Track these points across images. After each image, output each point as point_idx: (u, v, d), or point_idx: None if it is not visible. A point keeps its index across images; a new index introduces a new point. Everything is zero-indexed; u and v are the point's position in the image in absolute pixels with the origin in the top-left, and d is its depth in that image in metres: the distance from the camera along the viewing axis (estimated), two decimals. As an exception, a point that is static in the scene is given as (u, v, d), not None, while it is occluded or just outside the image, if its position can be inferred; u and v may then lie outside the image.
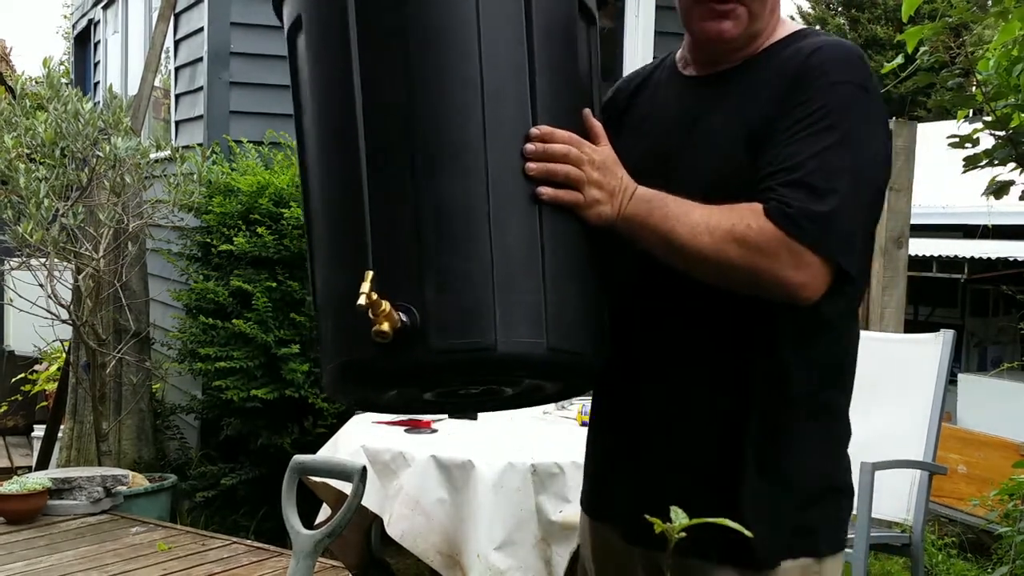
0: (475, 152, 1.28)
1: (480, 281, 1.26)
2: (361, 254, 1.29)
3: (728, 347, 1.45)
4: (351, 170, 1.31)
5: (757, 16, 1.47)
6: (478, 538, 2.76)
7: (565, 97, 1.38)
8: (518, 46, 1.32)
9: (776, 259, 1.32)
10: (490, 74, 1.30)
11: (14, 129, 4.61)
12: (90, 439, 4.91)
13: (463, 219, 1.28)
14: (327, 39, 1.37)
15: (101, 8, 8.24)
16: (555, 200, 1.32)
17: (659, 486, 1.49)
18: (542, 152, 1.31)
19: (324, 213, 1.39)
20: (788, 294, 1.34)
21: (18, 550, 3.66)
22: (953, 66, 3.33)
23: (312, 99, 1.40)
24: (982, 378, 7.02)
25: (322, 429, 4.46)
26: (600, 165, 1.35)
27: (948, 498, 5.24)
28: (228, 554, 3.63)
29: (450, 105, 1.30)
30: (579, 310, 1.35)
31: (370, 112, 1.30)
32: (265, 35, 5.44)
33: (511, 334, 1.26)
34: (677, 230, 1.35)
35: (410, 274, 1.26)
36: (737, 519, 1.17)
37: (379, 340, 1.22)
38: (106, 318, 4.98)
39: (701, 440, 1.47)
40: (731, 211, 1.35)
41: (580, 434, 3.27)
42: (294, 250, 4.52)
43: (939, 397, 3.41)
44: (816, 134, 1.36)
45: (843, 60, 1.42)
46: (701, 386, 1.47)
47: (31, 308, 4.80)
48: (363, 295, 1.21)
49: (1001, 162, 3.20)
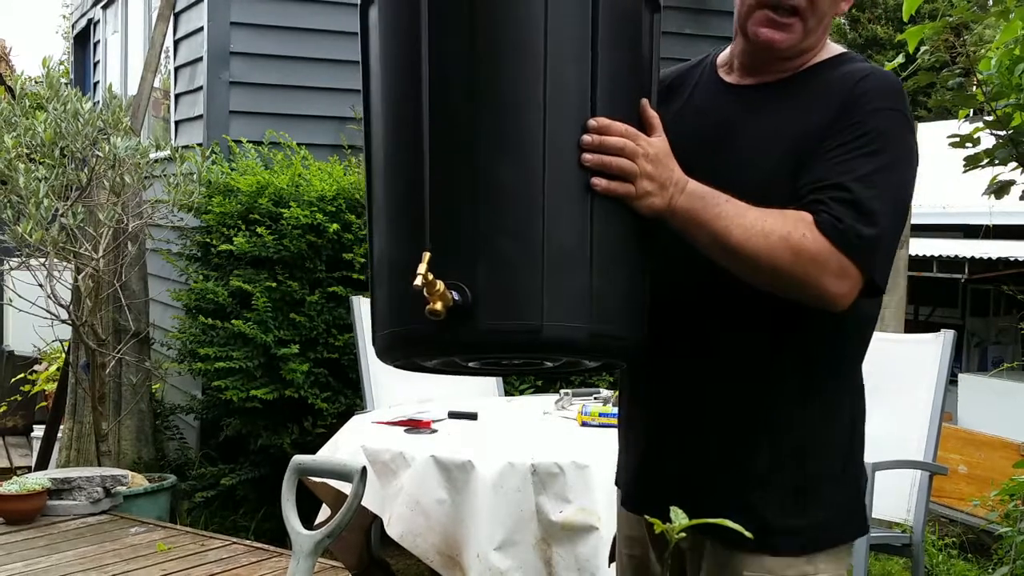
0: (534, 140, 1.33)
1: (530, 266, 1.32)
2: (419, 230, 1.34)
3: (763, 339, 1.52)
4: (414, 147, 1.36)
5: (811, 32, 1.53)
6: (478, 538, 2.76)
7: (625, 86, 1.42)
8: (583, 35, 1.36)
9: (825, 270, 1.40)
10: (554, 64, 1.33)
11: (14, 129, 4.61)
12: (89, 439, 4.91)
13: (518, 205, 1.33)
14: (398, 18, 1.41)
15: (101, 8, 8.24)
16: (608, 191, 1.36)
17: (707, 481, 1.55)
18: (598, 144, 1.35)
19: (386, 185, 1.44)
20: (825, 301, 1.42)
21: (17, 550, 3.65)
22: (954, 66, 3.33)
23: (380, 73, 1.45)
24: (982, 378, 7.02)
25: (322, 429, 4.46)
26: (654, 158, 1.39)
27: (948, 498, 5.24)
28: (227, 554, 3.62)
29: (513, 93, 1.34)
30: (622, 296, 1.41)
31: (436, 92, 1.35)
32: (265, 35, 5.44)
33: (556, 318, 1.32)
34: (730, 230, 1.40)
35: (464, 254, 1.32)
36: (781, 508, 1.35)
37: (432, 318, 1.28)
38: (106, 318, 4.97)
39: (738, 435, 1.54)
40: (784, 217, 1.41)
41: (580, 434, 3.28)
42: (294, 250, 4.51)
43: (939, 397, 3.41)
44: (868, 155, 1.43)
45: (890, 90, 1.50)
46: (735, 379, 1.53)
47: (31, 308, 4.80)
48: (419, 276, 1.27)
49: (1002, 162, 3.19)
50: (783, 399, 1.52)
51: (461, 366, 1.53)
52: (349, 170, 4.99)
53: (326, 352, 4.57)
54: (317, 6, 5.56)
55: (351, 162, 5.22)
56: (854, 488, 1.59)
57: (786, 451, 1.52)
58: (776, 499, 1.52)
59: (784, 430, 1.52)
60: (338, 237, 4.56)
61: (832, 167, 1.43)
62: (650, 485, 1.65)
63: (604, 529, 2.71)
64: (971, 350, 8.50)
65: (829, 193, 1.41)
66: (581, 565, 2.74)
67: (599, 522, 2.73)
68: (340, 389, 4.61)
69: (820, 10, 1.51)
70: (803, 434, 1.53)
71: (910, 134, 1.50)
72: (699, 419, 1.57)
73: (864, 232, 1.40)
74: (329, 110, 5.54)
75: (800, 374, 1.52)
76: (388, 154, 1.43)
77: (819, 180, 1.43)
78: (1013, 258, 6.83)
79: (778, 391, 1.52)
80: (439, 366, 1.52)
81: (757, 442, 1.53)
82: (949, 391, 3.56)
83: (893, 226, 1.45)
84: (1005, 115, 3.15)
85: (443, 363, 1.50)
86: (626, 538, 1.75)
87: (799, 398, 1.53)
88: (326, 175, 4.79)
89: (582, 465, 2.80)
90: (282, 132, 5.23)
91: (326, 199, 4.57)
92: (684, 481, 1.57)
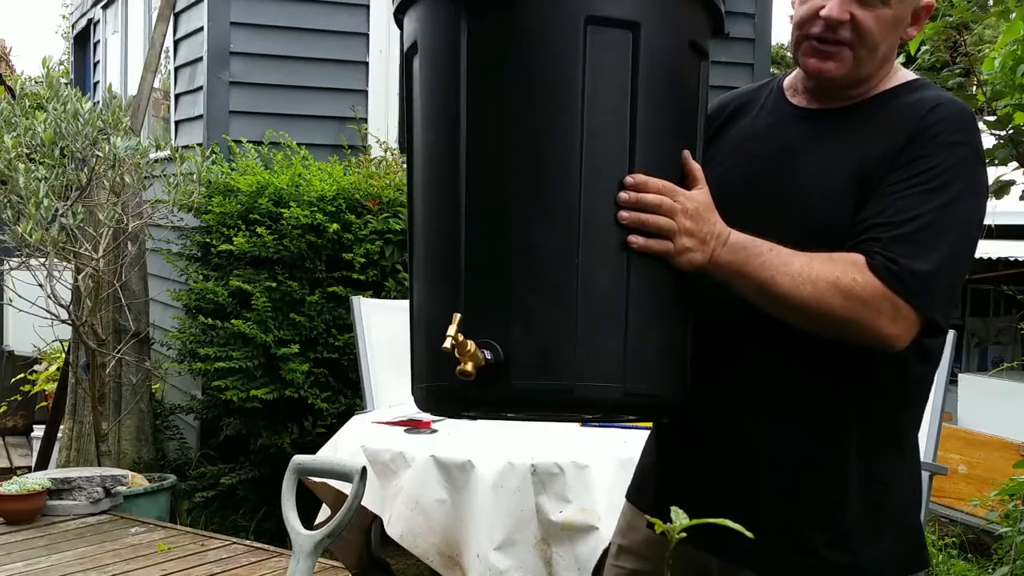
0: (569, 201, 1.32)
1: (564, 326, 1.31)
2: (453, 288, 1.35)
3: (823, 385, 1.48)
4: (452, 202, 1.36)
5: (863, 62, 1.48)
6: (478, 538, 2.76)
7: (665, 140, 1.40)
8: (622, 90, 1.34)
9: (878, 313, 1.37)
10: (591, 123, 1.32)
11: (14, 129, 4.61)
12: (89, 439, 4.91)
13: (553, 265, 1.32)
14: (438, 73, 1.41)
15: (101, 8, 8.24)
16: (645, 249, 1.34)
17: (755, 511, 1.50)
18: (635, 202, 1.33)
19: (425, 240, 1.44)
20: (881, 344, 1.40)
21: (17, 550, 3.65)
22: (954, 66, 3.33)
23: (421, 124, 1.45)
24: (982, 378, 7.02)
25: (322, 429, 4.46)
26: (693, 214, 1.36)
27: (948, 498, 5.23)
28: (227, 554, 3.62)
29: (548, 153, 1.33)
30: (659, 353, 1.39)
31: (472, 151, 1.35)
32: (265, 35, 5.44)
33: (588, 378, 1.32)
34: (777, 279, 1.38)
35: (498, 313, 1.32)
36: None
37: (463, 379, 1.29)
38: (106, 318, 4.97)
39: (796, 478, 1.50)
40: (832, 262, 1.38)
41: (580, 434, 3.27)
42: (293, 250, 4.51)
43: (939, 397, 3.41)
44: (930, 192, 1.39)
45: (962, 121, 1.44)
46: (789, 422, 1.50)
47: (31, 308, 4.80)
48: (449, 338, 1.28)
49: (1002, 162, 3.20)
50: (846, 441, 1.49)
51: (500, 415, 1.53)
52: (349, 170, 4.99)
53: (326, 352, 4.57)
54: (317, 6, 5.56)
55: (351, 162, 5.22)
56: (916, 529, 1.57)
57: (862, 500, 1.49)
58: (836, 538, 1.49)
59: (844, 469, 1.49)
60: (338, 237, 4.56)
61: (892, 203, 1.39)
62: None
63: (604, 529, 2.71)
64: (971, 350, 8.50)
65: (886, 232, 1.38)
66: (581, 565, 2.74)
67: (599, 522, 2.73)
68: (340, 389, 4.61)
69: (870, 40, 1.46)
70: (876, 484, 1.50)
71: (979, 169, 1.45)
72: (756, 464, 1.53)
73: (919, 269, 1.36)
74: (329, 110, 5.54)
75: (866, 418, 1.49)
76: (426, 209, 1.43)
77: (878, 217, 1.39)
78: (1013, 258, 6.83)
79: (842, 433, 1.49)
80: (481, 415, 1.53)
81: (817, 482, 1.50)
82: (949, 391, 3.56)
83: (953, 264, 1.40)
84: (1006, 115, 3.15)
85: (482, 414, 1.51)
86: (632, 554, 1.71)
87: (862, 441, 1.49)
88: (326, 175, 4.79)
89: (582, 465, 2.80)
90: (282, 132, 5.22)
91: (326, 199, 4.57)
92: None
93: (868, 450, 1.49)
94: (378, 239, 4.57)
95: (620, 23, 1.33)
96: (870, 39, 1.46)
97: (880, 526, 1.50)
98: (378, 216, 4.61)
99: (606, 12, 1.32)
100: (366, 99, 5.64)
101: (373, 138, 5.54)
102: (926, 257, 1.37)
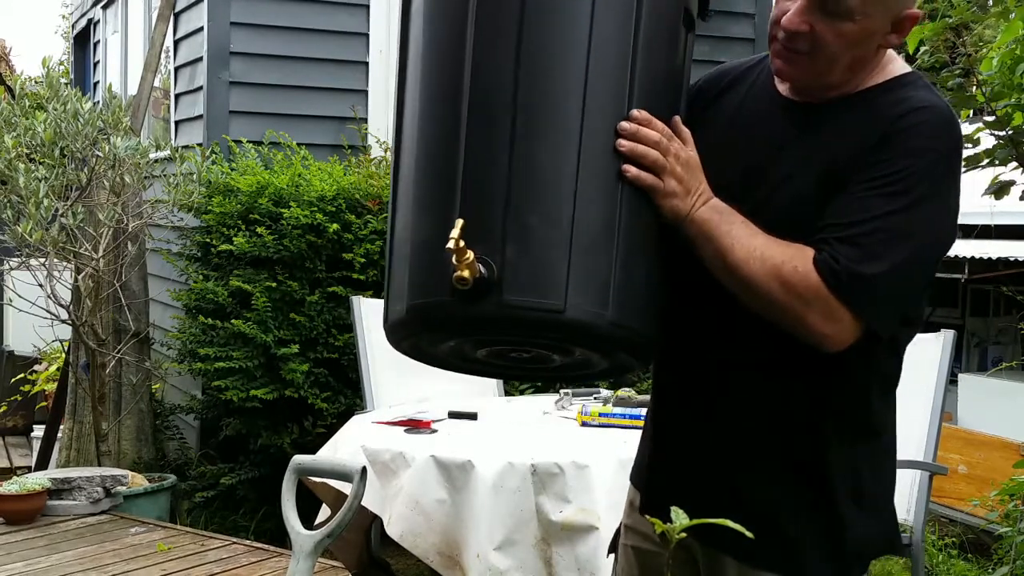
0: (571, 125, 1.35)
1: (558, 247, 1.34)
2: (449, 203, 1.35)
3: (797, 379, 1.49)
4: (451, 123, 1.37)
5: (823, 72, 1.45)
6: (478, 538, 2.76)
7: (661, 95, 1.44)
8: (625, 36, 1.38)
9: (809, 307, 1.37)
10: (597, 57, 1.36)
11: (14, 129, 4.61)
12: (89, 439, 4.91)
13: (551, 186, 1.35)
14: (445, 4, 1.43)
15: (101, 8, 8.24)
16: (637, 180, 1.37)
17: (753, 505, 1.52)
18: (634, 132, 1.36)
19: (418, 160, 1.44)
20: (815, 341, 1.40)
21: (17, 550, 3.65)
22: (953, 66, 3.33)
23: (421, 54, 1.45)
24: (982, 378, 7.01)
25: (322, 429, 4.46)
26: (685, 161, 1.41)
27: (948, 498, 5.23)
28: (227, 554, 3.62)
29: (555, 78, 1.37)
30: (642, 291, 1.42)
31: (478, 72, 1.37)
32: (265, 35, 5.44)
33: (579, 301, 1.34)
34: (735, 248, 1.40)
35: (494, 230, 1.33)
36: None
37: (459, 286, 1.29)
38: (106, 318, 4.97)
39: (780, 456, 1.52)
40: (786, 248, 1.39)
41: (580, 434, 3.28)
42: (293, 250, 4.51)
43: (939, 397, 3.41)
44: (888, 196, 1.37)
45: (936, 126, 1.40)
46: (765, 415, 1.51)
47: (31, 308, 4.80)
48: (452, 239, 1.28)
49: (1002, 162, 3.20)
50: (821, 432, 1.50)
51: (467, 360, 1.53)
52: (349, 170, 4.99)
53: (326, 352, 4.57)
54: (317, 6, 5.56)
55: (351, 162, 5.22)
56: (892, 515, 1.59)
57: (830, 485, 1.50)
58: (812, 531, 1.50)
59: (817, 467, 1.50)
60: (338, 237, 4.56)
61: (850, 204, 1.38)
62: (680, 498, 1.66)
63: (604, 529, 2.71)
64: (971, 350, 8.49)
65: (838, 232, 1.37)
66: (581, 565, 2.74)
67: (599, 522, 2.73)
68: (340, 389, 4.61)
69: (827, 53, 1.42)
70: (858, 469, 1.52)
71: (948, 177, 1.40)
72: (741, 443, 1.54)
73: (862, 272, 1.35)
74: (329, 110, 5.54)
75: (837, 399, 1.49)
76: (422, 129, 1.44)
77: (835, 216, 1.39)
78: (1013, 258, 6.82)
79: (816, 425, 1.50)
80: (447, 355, 1.52)
81: (794, 472, 1.51)
82: (949, 391, 3.55)
83: (904, 272, 1.38)
84: (1005, 115, 3.15)
85: (451, 351, 1.50)
86: (637, 533, 1.73)
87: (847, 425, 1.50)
88: (326, 175, 4.79)
89: (582, 465, 2.80)
90: (282, 132, 5.23)
91: (326, 199, 4.58)
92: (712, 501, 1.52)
93: (843, 442, 1.50)
94: (378, 239, 4.57)
95: None
96: (827, 52, 1.42)
97: (860, 509, 1.51)
98: (378, 216, 4.61)
99: None
100: (366, 99, 5.65)
101: (373, 138, 5.54)
102: (872, 262, 1.35)
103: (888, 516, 1.58)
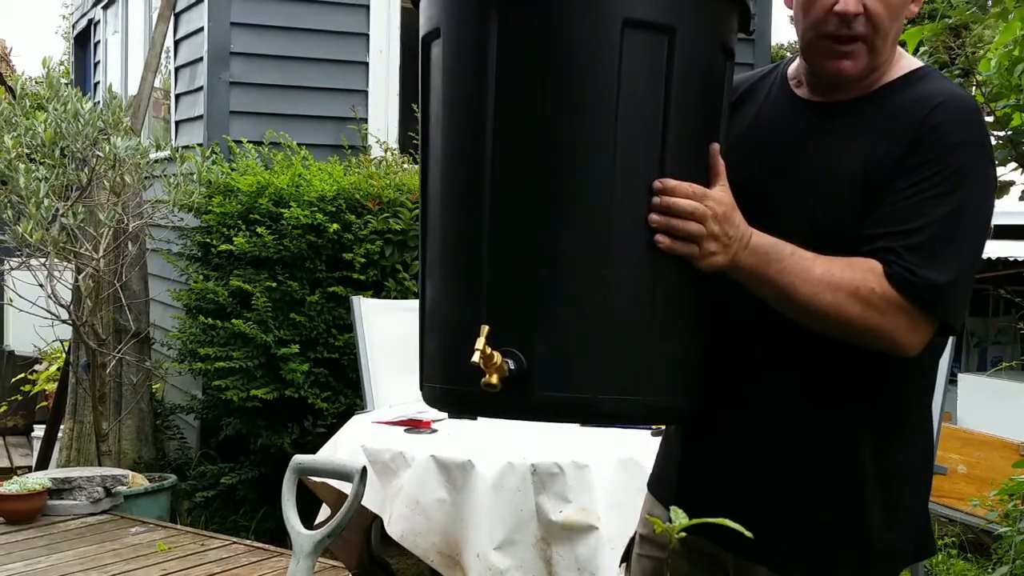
0: (598, 207, 1.30)
1: (588, 337, 1.31)
2: (474, 291, 1.32)
3: (834, 381, 1.49)
4: (475, 201, 1.32)
5: (878, 51, 1.47)
6: (478, 538, 2.76)
7: (694, 141, 1.38)
8: (655, 95, 1.32)
9: (896, 322, 1.38)
10: (623, 127, 1.30)
11: (14, 129, 4.61)
12: (90, 439, 4.91)
13: (580, 276, 1.31)
14: (464, 64, 1.37)
15: (101, 8, 8.24)
16: (671, 250, 1.33)
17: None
18: (667, 206, 1.32)
19: (442, 235, 1.40)
20: (895, 350, 1.41)
21: (18, 550, 3.65)
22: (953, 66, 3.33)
23: (442, 114, 1.39)
24: (982, 378, 7.01)
25: (322, 429, 4.46)
26: (722, 217, 1.35)
27: (948, 498, 5.23)
28: (228, 554, 3.62)
29: (580, 156, 1.30)
30: (679, 366, 1.40)
31: (499, 148, 1.31)
32: (265, 35, 5.44)
33: (611, 391, 1.32)
34: (796, 286, 1.38)
35: (522, 322, 1.30)
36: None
37: (487, 390, 1.27)
38: (106, 318, 4.97)
39: (819, 477, 1.51)
40: (852, 269, 1.38)
41: (580, 434, 3.27)
42: (294, 250, 4.52)
43: (939, 397, 3.41)
44: (940, 197, 1.39)
45: (965, 118, 1.44)
46: (802, 418, 1.51)
47: (31, 308, 4.80)
48: (478, 351, 1.25)
49: (1001, 162, 3.20)
50: (858, 434, 1.50)
51: None
52: (349, 170, 4.99)
53: (326, 352, 4.57)
54: (317, 6, 5.56)
55: (351, 162, 5.22)
56: (925, 519, 1.59)
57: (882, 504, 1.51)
58: (848, 543, 1.51)
59: (876, 481, 1.51)
60: (338, 237, 4.56)
61: (904, 210, 1.39)
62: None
63: (604, 529, 2.71)
64: (970, 350, 8.49)
65: (900, 241, 1.38)
66: (581, 565, 2.74)
67: (599, 522, 2.74)
68: (340, 389, 4.61)
69: (883, 28, 1.45)
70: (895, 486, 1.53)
71: (989, 167, 1.46)
72: (784, 468, 1.53)
73: (937, 280, 1.37)
74: (329, 110, 5.55)
75: (886, 417, 1.50)
76: (445, 205, 1.39)
77: (891, 224, 1.39)
78: (1013, 258, 6.82)
79: (853, 426, 1.50)
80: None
81: (830, 477, 1.51)
82: (949, 391, 3.56)
83: (968, 268, 1.42)
84: (1005, 116, 3.15)
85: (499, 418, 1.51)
86: (652, 543, 1.72)
87: (888, 443, 1.51)
88: (326, 175, 4.79)
89: (582, 465, 2.80)
90: (282, 132, 5.23)
91: (326, 199, 4.58)
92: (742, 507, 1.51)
93: (879, 443, 1.50)
94: (378, 239, 4.57)
95: (657, 27, 1.31)
96: (883, 27, 1.45)
97: (892, 518, 1.51)
98: (378, 216, 4.61)
99: (644, 16, 1.31)
100: (366, 99, 5.65)
101: (373, 138, 5.54)
102: (942, 267, 1.37)
103: (922, 524, 1.58)
